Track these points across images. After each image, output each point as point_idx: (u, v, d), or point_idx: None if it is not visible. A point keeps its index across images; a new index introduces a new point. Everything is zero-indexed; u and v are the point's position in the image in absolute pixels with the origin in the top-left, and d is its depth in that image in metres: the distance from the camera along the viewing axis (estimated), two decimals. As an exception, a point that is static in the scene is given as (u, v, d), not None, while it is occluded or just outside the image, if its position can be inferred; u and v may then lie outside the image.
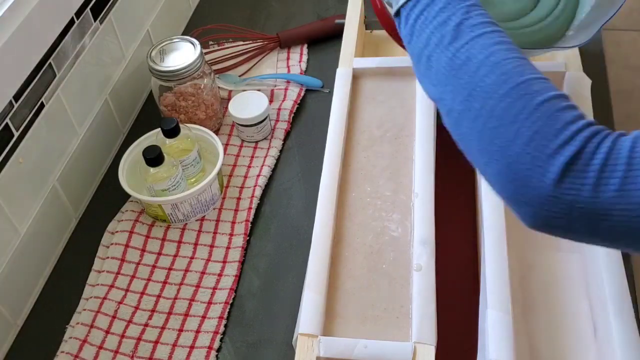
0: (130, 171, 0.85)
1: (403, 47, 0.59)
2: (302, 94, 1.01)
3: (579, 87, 0.81)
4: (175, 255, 0.82)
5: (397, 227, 0.72)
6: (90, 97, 0.90)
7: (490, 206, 0.70)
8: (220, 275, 0.79)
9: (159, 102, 0.93)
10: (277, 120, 0.97)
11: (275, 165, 0.92)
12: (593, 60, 0.93)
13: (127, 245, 0.82)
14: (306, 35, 1.09)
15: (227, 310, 0.76)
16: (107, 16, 0.92)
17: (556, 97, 0.44)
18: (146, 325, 0.75)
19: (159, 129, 0.83)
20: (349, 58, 0.88)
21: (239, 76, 1.04)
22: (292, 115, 0.98)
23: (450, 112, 0.49)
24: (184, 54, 0.89)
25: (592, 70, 0.87)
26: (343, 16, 0.96)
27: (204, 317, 0.76)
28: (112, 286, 0.78)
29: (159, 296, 0.78)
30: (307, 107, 1.00)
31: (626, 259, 0.67)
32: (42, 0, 0.75)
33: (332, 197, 0.73)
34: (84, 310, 0.76)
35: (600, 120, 0.78)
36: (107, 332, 0.74)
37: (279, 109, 0.98)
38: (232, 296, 0.78)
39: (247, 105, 0.92)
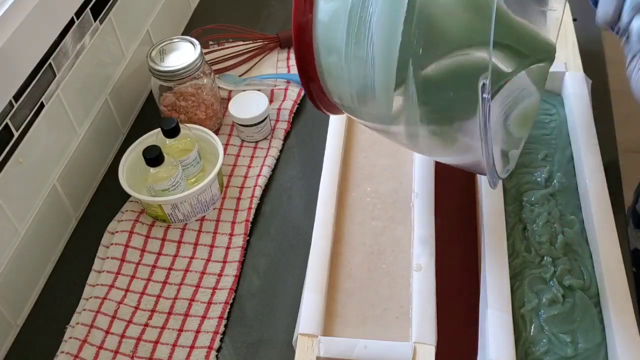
0: (130, 171, 0.85)
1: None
2: (302, 94, 1.01)
3: (579, 87, 0.81)
4: (175, 255, 0.82)
5: (397, 227, 0.72)
6: (90, 97, 0.90)
7: (490, 206, 0.70)
8: (220, 275, 0.79)
9: (159, 102, 0.93)
10: (277, 120, 0.97)
11: (275, 165, 0.92)
12: (593, 60, 0.93)
13: (127, 246, 0.82)
14: (306, 35, 1.09)
15: (227, 310, 0.76)
16: (107, 16, 0.92)
17: None
18: (146, 325, 0.75)
19: (159, 129, 0.83)
20: (349, 58, 0.88)
21: (239, 76, 1.04)
22: (292, 115, 0.98)
23: None
24: (184, 54, 0.89)
25: (592, 70, 0.87)
26: (343, 16, 0.96)
27: (204, 317, 0.76)
28: (112, 286, 0.78)
29: (159, 296, 0.78)
30: (307, 107, 1.00)
31: (626, 257, 0.67)
32: (42, 0, 0.75)
33: (332, 197, 0.73)
34: (84, 310, 0.76)
35: (600, 120, 0.78)
36: (107, 332, 0.74)
37: (279, 109, 0.98)
38: (232, 296, 0.78)
39: (247, 105, 0.92)
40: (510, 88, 0.62)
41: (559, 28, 0.70)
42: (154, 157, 0.78)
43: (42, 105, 0.79)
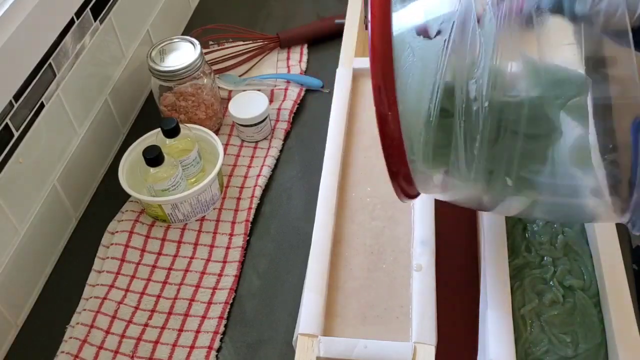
0: (130, 171, 0.85)
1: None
2: (302, 94, 1.01)
3: (579, 87, 0.81)
4: (175, 255, 0.82)
5: (397, 227, 0.72)
6: (90, 97, 0.90)
7: (490, 206, 0.70)
8: (220, 275, 0.79)
9: (159, 102, 0.93)
10: (277, 120, 0.97)
11: (275, 165, 0.92)
12: (593, 60, 0.93)
13: (127, 246, 0.82)
14: (306, 35, 1.09)
15: (227, 310, 0.76)
16: (107, 16, 0.92)
17: None
18: (146, 325, 0.75)
19: (159, 129, 0.83)
20: (349, 58, 0.88)
21: (239, 76, 1.04)
22: (292, 115, 0.98)
23: None
24: (184, 54, 0.89)
25: (592, 70, 0.87)
26: (343, 16, 0.96)
27: (204, 317, 0.76)
28: (112, 286, 0.78)
29: (159, 296, 0.78)
30: (307, 107, 1.00)
31: (626, 256, 0.67)
32: (42, 0, 0.75)
33: (332, 197, 0.73)
34: (84, 310, 0.76)
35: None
36: (107, 332, 0.74)
37: (279, 109, 0.98)
38: (232, 296, 0.78)
39: (247, 105, 0.92)
40: None
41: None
42: (154, 157, 0.78)
43: (42, 105, 0.79)
